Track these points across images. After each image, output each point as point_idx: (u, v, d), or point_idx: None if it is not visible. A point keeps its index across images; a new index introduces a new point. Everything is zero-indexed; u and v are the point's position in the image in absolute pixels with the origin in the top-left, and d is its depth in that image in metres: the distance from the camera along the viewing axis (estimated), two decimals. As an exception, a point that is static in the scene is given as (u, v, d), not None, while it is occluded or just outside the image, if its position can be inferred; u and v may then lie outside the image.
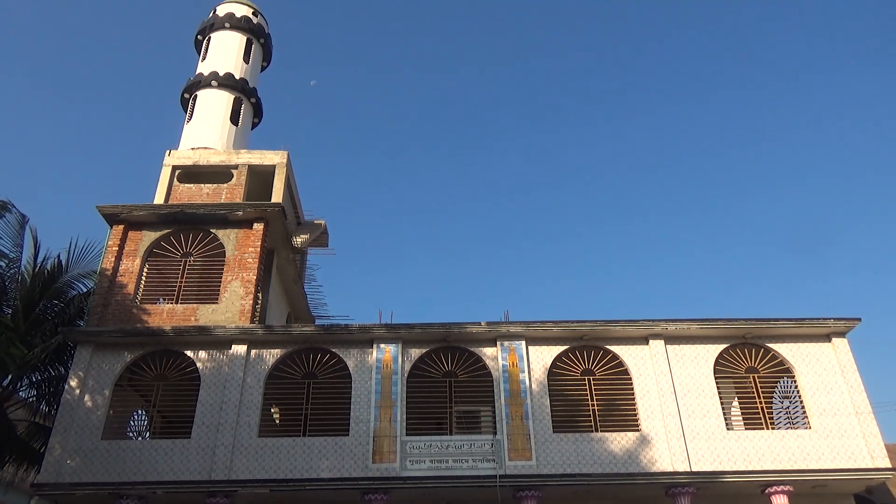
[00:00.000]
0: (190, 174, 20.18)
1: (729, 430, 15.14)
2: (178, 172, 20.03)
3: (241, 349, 15.63)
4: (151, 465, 14.34)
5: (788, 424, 16.04)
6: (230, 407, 14.94)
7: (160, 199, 19.20)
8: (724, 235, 69.33)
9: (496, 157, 76.22)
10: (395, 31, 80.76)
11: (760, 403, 15.60)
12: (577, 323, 15.84)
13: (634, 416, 15.32)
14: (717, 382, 15.59)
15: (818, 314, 16.00)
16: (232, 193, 19.48)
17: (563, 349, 15.94)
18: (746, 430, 15.34)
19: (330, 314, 23.50)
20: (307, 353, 15.85)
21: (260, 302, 17.93)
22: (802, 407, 15.53)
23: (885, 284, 61.02)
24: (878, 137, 63.99)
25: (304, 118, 75.58)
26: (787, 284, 64.32)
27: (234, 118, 22.84)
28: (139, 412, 17.72)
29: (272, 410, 17.79)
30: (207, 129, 22.19)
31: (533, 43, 78.30)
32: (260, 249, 17.69)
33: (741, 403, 16.43)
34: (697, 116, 73.29)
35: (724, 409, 15.44)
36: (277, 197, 19.53)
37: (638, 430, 15.04)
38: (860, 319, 15.86)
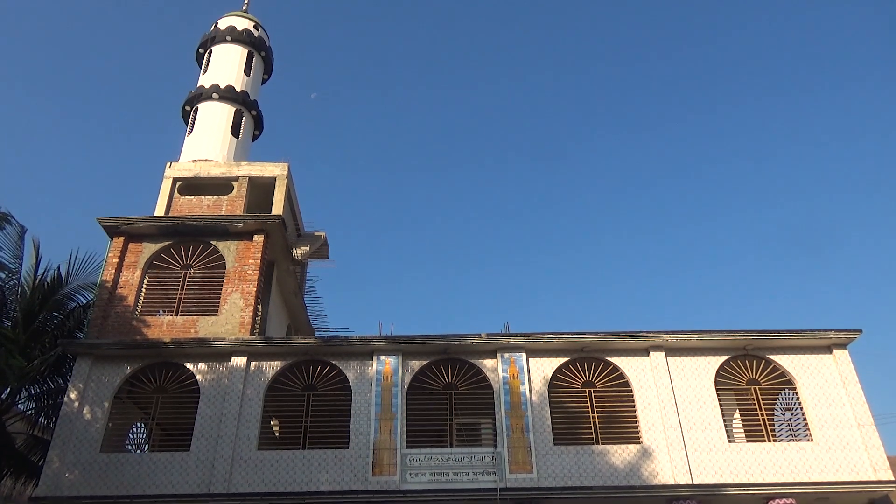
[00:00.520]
0: (191, 186, 20.23)
1: (731, 442, 15.07)
2: (178, 184, 20.06)
3: (240, 361, 15.60)
4: (150, 478, 14.26)
5: (790, 436, 15.96)
6: (230, 419, 14.89)
7: (161, 211, 19.22)
8: (724, 246, 69.39)
9: (496, 169, 76.43)
10: (395, 44, 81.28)
11: (762, 415, 15.55)
12: (577, 334, 15.81)
13: (635, 428, 15.25)
14: (718, 394, 15.54)
15: (819, 325, 16.00)
16: (232, 205, 19.51)
17: (563, 361, 15.91)
18: (748, 442, 15.27)
19: (330, 326, 23.47)
20: (307, 365, 15.82)
21: (260, 314, 17.91)
22: (804, 419, 15.47)
23: (886, 295, 61.00)
24: (880, 145, 64.16)
25: (304, 130, 75.88)
26: (788, 295, 64.31)
27: (234, 130, 22.91)
28: (138, 425, 17.64)
29: (272, 423, 17.72)
30: (208, 141, 22.25)
31: (531, 56, 78.73)
32: (260, 261, 17.69)
33: (743, 415, 16.37)
34: (697, 130, 73.56)
35: (725, 421, 15.39)
36: (278, 209, 19.56)
37: (639, 442, 14.97)
38: (861, 331, 15.86)
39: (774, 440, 15.45)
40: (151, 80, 72.25)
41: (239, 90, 23.59)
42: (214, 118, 22.81)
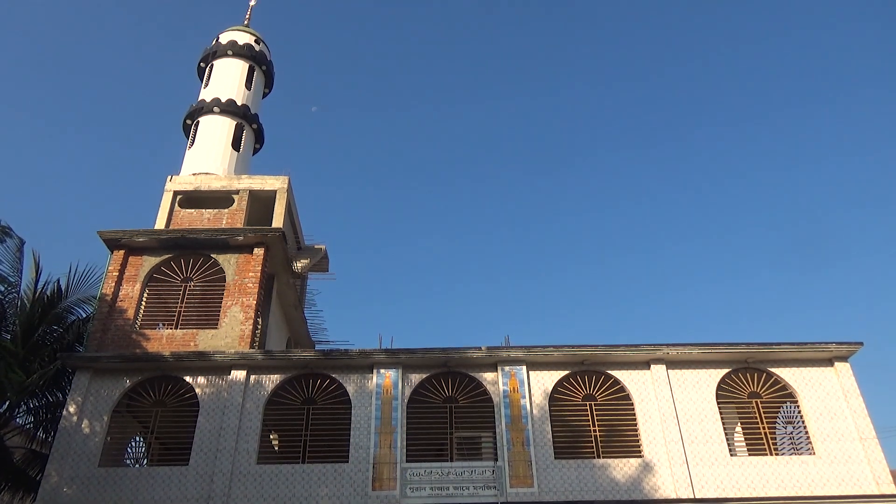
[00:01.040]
0: (191, 199, 20.26)
1: (732, 456, 14.98)
2: (179, 198, 20.10)
3: (240, 375, 15.55)
4: (149, 492, 14.17)
5: (792, 450, 15.87)
6: (229, 433, 14.82)
7: (161, 224, 19.24)
8: (725, 258, 69.34)
9: (497, 181, 76.57)
10: (396, 56, 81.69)
11: (763, 429, 15.48)
12: (577, 347, 15.77)
13: (637, 442, 15.18)
14: (719, 407, 15.47)
15: (820, 338, 15.97)
16: (233, 218, 19.54)
17: (564, 374, 15.86)
18: (750, 456, 15.19)
19: (330, 339, 23.44)
20: (307, 378, 15.77)
21: (260, 327, 17.88)
22: (806, 432, 15.39)
23: (887, 307, 60.88)
24: (881, 156, 64.27)
25: (305, 144, 76.12)
26: (789, 308, 64.19)
27: (235, 144, 22.99)
28: (137, 439, 17.57)
29: (271, 437, 17.64)
30: (209, 154, 22.33)
31: (532, 68, 79.12)
32: (260, 274, 17.68)
33: (744, 429, 16.29)
34: (697, 144, 73.77)
35: (727, 434, 15.32)
36: (278, 222, 19.58)
37: (640, 456, 14.90)
38: (862, 344, 15.80)
39: (776, 454, 15.37)
40: (152, 93, 72.66)
41: (240, 104, 23.70)
42: (215, 132, 22.90)
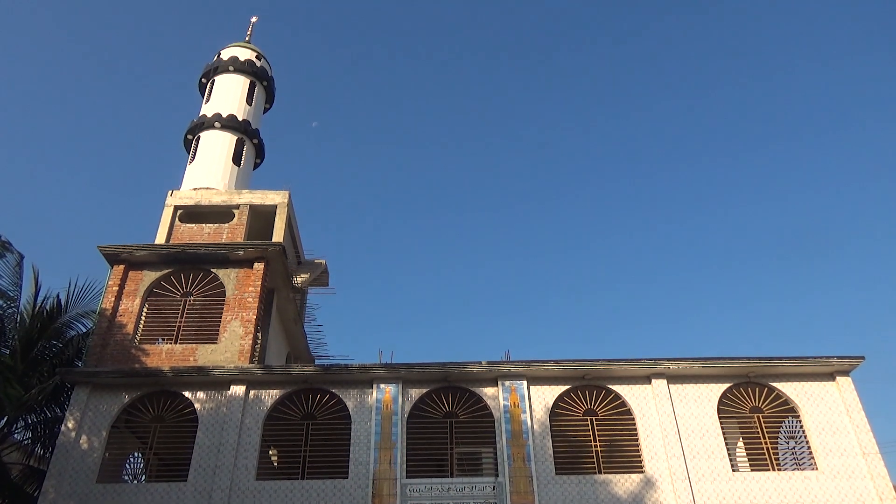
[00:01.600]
0: (192, 214, 20.30)
1: (735, 471, 14.88)
2: (179, 212, 20.13)
3: (239, 390, 15.49)
4: (147, 509, 14.05)
5: (795, 465, 15.78)
6: (228, 449, 14.74)
7: (161, 238, 19.26)
8: (726, 269, 69.27)
9: (497, 195, 76.72)
10: (397, 73, 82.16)
11: (766, 444, 15.38)
12: (578, 362, 15.72)
13: (638, 457, 15.09)
14: (721, 422, 15.39)
15: (822, 352, 15.95)
16: (233, 233, 19.56)
17: (564, 389, 15.79)
18: (752, 471, 15.10)
19: (330, 354, 23.43)
20: (306, 393, 15.70)
21: (259, 342, 17.84)
22: (808, 447, 15.30)
23: (889, 322, 60.75)
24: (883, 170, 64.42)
25: (305, 158, 76.36)
26: (790, 322, 64.04)
27: (236, 159, 23.08)
28: (135, 455, 17.46)
29: (270, 452, 17.54)
30: (210, 169, 22.41)
31: (536, 85, 79.53)
32: (260, 289, 17.67)
33: (746, 444, 16.21)
34: (699, 161, 74.01)
35: (728, 449, 15.21)
36: (278, 236, 19.61)
37: (642, 471, 14.80)
38: (864, 358, 15.74)
39: (779, 469, 15.26)
40: (153, 108, 73.01)
41: (241, 119, 23.82)
42: (216, 147, 22.99)
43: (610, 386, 15.82)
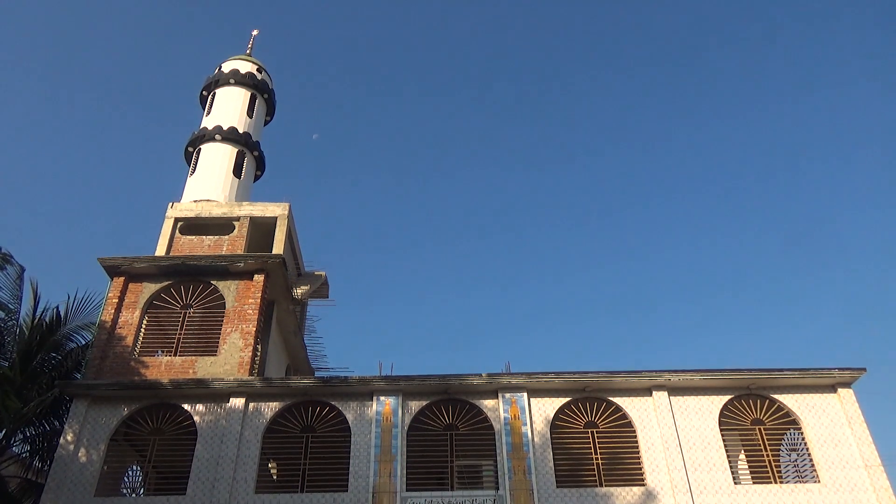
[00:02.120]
0: (192, 226, 20.33)
1: (736, 484, 14.80)
2: (180, 224, 20.17)
3: (238, 402, 15.44)
4: (145, 522, 13.99)
5: (797, 478, 15.68)
6: (227, 462, 14.66)
7: (161, 250, 19.28)
8: (726, 279, 69.20)
9: (497, 205, 76.82)
10: (397, 86, 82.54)
11: (768, 456, 15.30)
12: (579, 374, 15.68)
13: (639, 469, 15.01)
14: (722, 434, 15.32)
15: (823, 364, 15.88)
16: (233, 245, 19.58)
17: (565, 401, 15.74)
18: (754, 484, 15.02)
19: (329, 366, 23.34)
20: (306, 406, 15.65)
21: (259, 354, 17.80)
22: (810, 460, 15.22)
23: (891, 333, 60.60)
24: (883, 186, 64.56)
25: (306, 171, 76.54)
26: (792, 333, 63.91)
27: (236, 171, 23.16)
28: (134, 468, 17.37)
29: (270, 465, 17.45)
30: (210, 181, 22.48)
31: (538, 87, 79.89)
32: (260, 301, 17.67)
33: (748, 456, 16.13)
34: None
35: (730, 462, 15.14)
36: (278, 248, 19.63)
37: (643, 484, 14.72)
38: (865, 370, 15.70)
39: (781, 482, 15.17)
40: (154, 120, 73.26)
41: (241, 132, 23.92)
42: (217, 159, 23.08)
43: (611, 398, 15.76)
